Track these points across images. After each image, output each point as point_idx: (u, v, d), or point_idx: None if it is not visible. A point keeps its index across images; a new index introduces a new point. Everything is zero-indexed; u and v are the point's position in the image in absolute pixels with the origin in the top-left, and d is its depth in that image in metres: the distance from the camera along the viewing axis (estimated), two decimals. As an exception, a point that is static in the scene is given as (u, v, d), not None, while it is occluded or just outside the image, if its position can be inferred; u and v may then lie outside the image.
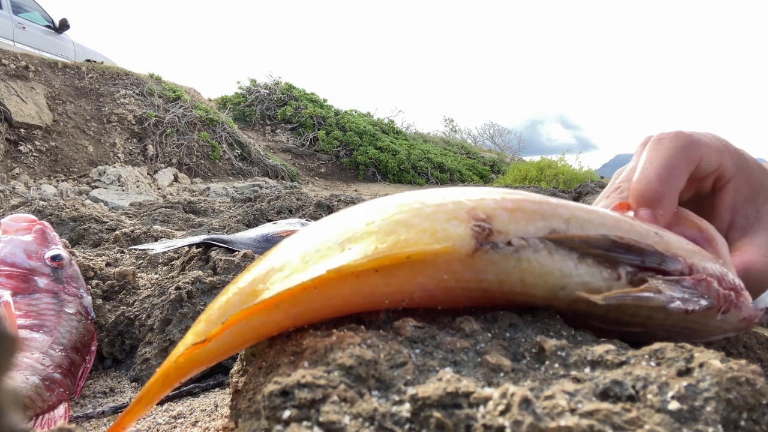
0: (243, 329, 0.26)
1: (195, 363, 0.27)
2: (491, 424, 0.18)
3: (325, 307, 0.26)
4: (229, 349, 0.27)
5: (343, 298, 0.26)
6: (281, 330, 0.27)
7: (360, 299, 0.26)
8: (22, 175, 4.62)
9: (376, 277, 0.25)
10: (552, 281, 0.26)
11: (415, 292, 0.26)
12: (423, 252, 0.24)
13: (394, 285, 0.25)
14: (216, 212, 2.13)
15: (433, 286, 0.25)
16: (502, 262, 0.25)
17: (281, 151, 8.34)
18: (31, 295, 0.58)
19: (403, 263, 0.25)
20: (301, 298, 0.25)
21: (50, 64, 5.93)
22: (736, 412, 0.19)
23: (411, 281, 0.25)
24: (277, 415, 0.19)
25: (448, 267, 0.25)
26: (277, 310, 0.26)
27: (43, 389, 0.48)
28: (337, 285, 0.25)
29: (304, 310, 0.26)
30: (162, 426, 0.48)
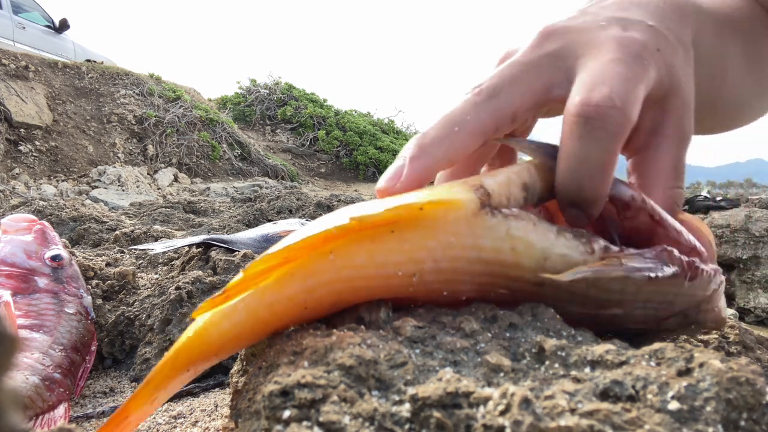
0: (255, 306, 0.26)
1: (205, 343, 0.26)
2: (491, 424, 0.18)
3: (338, 281, 0.26)
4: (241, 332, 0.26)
5: (357, 269, 0.26)
6: (294, 311, 0.26)
7: (373, 270, 0.26)
8: (22, 175, 4.62)
9: (390, 239, 0.25)
10: (537, 249, 0.27)
11: (426, 263, 0.26)
12: (436, 202, 0.26)
13: (407, 251, 0.26)
14: (216, 212, 2.13)
15: (441, 254, 0.26)
16: (496, 228, 0.26)
17: (281, 151, 8.35)
18: (31, 295, 0.58)
19: (416, 219, 0.25)
20: (315, 265, 0.25)
21: (50, 64, 5.93)
22: (736, 412, 0.19)
23: (423, 246, 0.26)
24: (277, 415, 0.19)
25: (456, 228, 0.26)
26: (292, 279, 0.25)
27: (43, 389, 0.48)
28: (352, 250, 0.25)
29: (317, 282, 0.26)
30: (162, 426, 0.48)
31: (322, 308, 0.27)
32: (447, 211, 0.26)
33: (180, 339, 0.27)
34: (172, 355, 0.27)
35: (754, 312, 1.35)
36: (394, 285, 0.26)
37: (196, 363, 0.27)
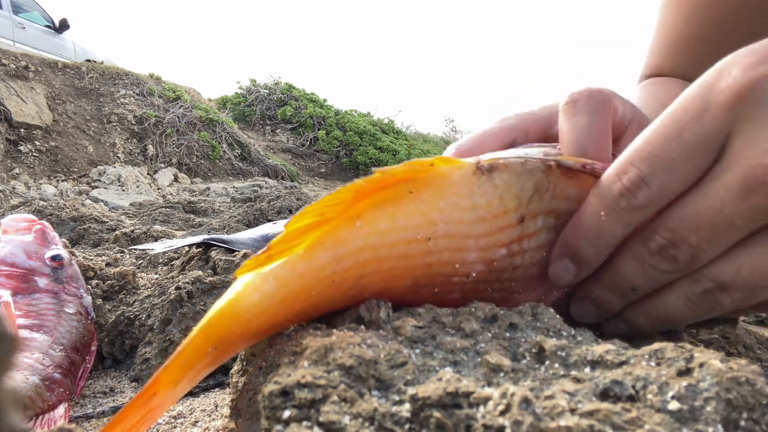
0: (286, 277, 0.26)
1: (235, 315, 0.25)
2: (491, 424, 0.18)
3: (365, 249, 0.27)
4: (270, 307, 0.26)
5: (381, 235, 0.27)
6: (323, 285, 0.26)
7: (396, 235, 0.27)
8: (22, 175, 4.62)
9: (409, 201, 0.28)
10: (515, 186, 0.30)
11: (438, 225, 0.28)
12: (443, 159, 0.29)
13: (423, 212, 0.28)
14: (216, 212, 2.13)
15: (449, 216, 0.28)
16: (486, 184, 0.30)
17: (281, 151, 8.35)
18: (31, 295, 0.58)
19: (429, 176, 0.28)
20: (344, 232, 0.26)
21: (50, 64, 5.93)
22: (736, 412, 0.19)
23: (435, 207, 0.28)
24: (277, 415, 0.19)
25: (459, 188, 0.29)
26: (322, 248, 0.26)
27: (43, 389, 0.48)
28: (376, 215, 0.27)
29: (346, 251, 0.26)
30: (162, 426, 0.48)
31: (348, 284, 0.27)
32: (452, 169, 0.29)
33: (211, 309, 0.26)
34: (204, 325, 0.26)
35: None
36: (413, 252, 0.28)
37: (226, 338, 0.26)
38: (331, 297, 0.27)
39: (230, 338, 0.26)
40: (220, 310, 0.26)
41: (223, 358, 0.27)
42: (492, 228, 0.30)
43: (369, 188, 0.27)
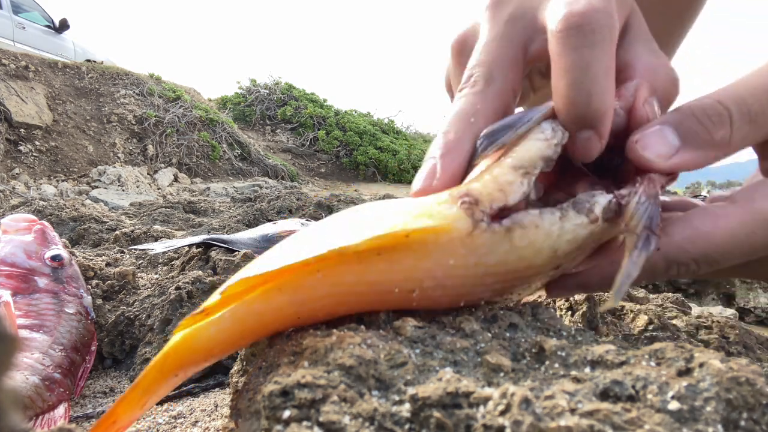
0: (243, 315, 0.25)
1: (192, 348, 0.26)
2: (491, 424, 0.18)
3: (330, 296, 0.25)
4: (228, 339, 0.26)
5: (348, 286, 0.25)
6: (285, 322, 0.26)
7: (366, 287, 0.25)
8: (22, 175, 4.62)
9: (379, 261, 0.24)
10: (546, 249, 0.26)
11: (425, 281, 0.25)
12: (423, 230, 0.24)
13: (401, 272, 0.25)
14: (216, 212, 2.13)
15: (442, 274, 0.25)
16: (498, 244, 0.25)
17: (281, 151, 8.35)
18: (31, 295, 0.58)
19: (404, 245, 0.24)
20: (304, 281, 0.25)
21: (50, 64, 5.93)
22: (736, 412, 0.19)
23: (417, 267, 0.25)
24: (277, 415, 0.19)
25: (452, 250, 0.25)
26: (280, 293, 0.25)
27: (43, 389, 0.48)
28: (340, 270, 0.24)
29: (307, 297, 0.25)
30: (162, 426, 0.48)
31: (318, 318, 0.26)
32: (437, 235, 0.25)
33: (168, 344, 0.27)
34: (161, 358, 0.26)
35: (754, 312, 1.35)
36: (392, 300, 0.26)
37: (185, 367, 0.27)
38: (303, 324, 0.27)
39: (191, 365, 0.27)
40: (175, 345, 0.26)
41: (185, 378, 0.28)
42: (508, 278, 0.27)
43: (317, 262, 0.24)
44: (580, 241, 0.27)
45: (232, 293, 0.26)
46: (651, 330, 0.48)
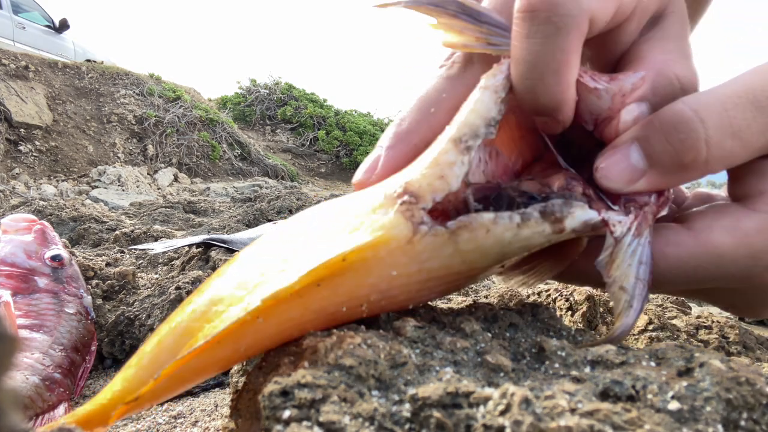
0: (182, 374, 0.24)
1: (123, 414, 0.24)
2: (491, 423, 0.18)
3: (280, 332, 0.24)
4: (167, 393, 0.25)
5: (295, 320, 0.24)
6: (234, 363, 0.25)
7: (313, 315, 0.24)
8: (22, 175, 4.62)
9: (320, 290, 0.23)
10: (494, 253, 0.24)
11: (371, 295, 0.24)
12: (359, 249, 0.23)
13: (345, 293, 0.24)
14: (216, 212, 2.13)
15: (386, 286, 0.24)
16: (441, 249, 0.24)
17: (281, 151, 8.35)
18: (31, 295, 0.58)
19: (342, 269, 0.23)
20: (246, 331, 0.23)
21: (50, 64, 5.93)
22: (736, 412, 0.19)
23: (361, 284, 0.24)
24: (277, 415, 0.19)
25: (393, 261, 0.23)
26: (220, 347, 0.23)
27: (43, 389, 0.48)
28: (281, 310, 0.23)
29: (253, 341, 0.24)
30: (162, 426, 0.48)
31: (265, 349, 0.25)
32: (375, 251, 0.23)
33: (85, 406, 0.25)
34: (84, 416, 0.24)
35: (754, 312, 1.34)
36: (343, 317, 0.25)
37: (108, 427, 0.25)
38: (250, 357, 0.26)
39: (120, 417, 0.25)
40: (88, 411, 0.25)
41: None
42: (449, 280, 0.25)
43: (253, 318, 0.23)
44: (533, 248, 0.25)
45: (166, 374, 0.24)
46: (651, 330, 0.48)
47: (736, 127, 0.24)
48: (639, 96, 0.27)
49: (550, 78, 0.25)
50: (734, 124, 0.24)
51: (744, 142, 0.24)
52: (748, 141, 0.24)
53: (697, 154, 0.24)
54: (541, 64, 0.25)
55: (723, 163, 0.25)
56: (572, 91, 0.26)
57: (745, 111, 0.24)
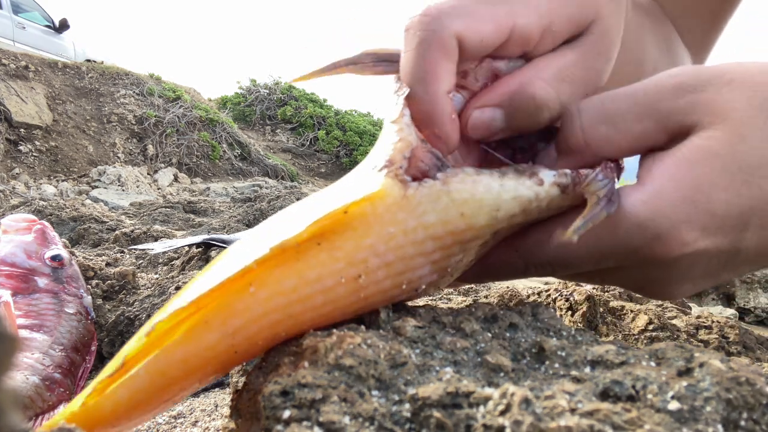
0: (163, 368, 0.22)
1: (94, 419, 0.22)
2: (491, 423, 0.18)
3: (268, 313, 0.23)
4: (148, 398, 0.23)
5: (288, 294, 0.23)
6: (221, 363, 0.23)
7: (308, 288, 0.23)
8: (22, 175, 4.62)
9: (320, 252, 0.23)
10: (487, 205, 0.25)
11: (369, 261, 0.24)
12: (358, 201, 0.23)
13: (343, 257, 0.23)
14: (216, 212, 2.13)
15: (384, 247, 0.24)
16: (437, 200, 0.24)
17: (281, 151, 8.35)
18: (31, 295, 0.58)
19: (344, 224, 0.23)
20: (234, 303, 0.22)
21: (50, 64, 5.93)
22: (736, 412, 0.19)
23: (360, 246, 0.23)
24: (277, 415, 0.19)
25: (391, 217, 0.24)
26: (207, 328, 0.22)
27: (43, 389, 0.48)
28: (276, 276, 0.23)
29: (241, 323, 0.22)
30: (162, 426, 0.48)
31: (258, 347, 0.24)
32: (374, 204, 0.24)
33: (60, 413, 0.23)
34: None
35: (754, 312, 1.35)
36: (340, 295, 0.24)
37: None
38: (241, 360, 0.24)
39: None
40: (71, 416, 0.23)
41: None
42: (446, 243, 0.25)
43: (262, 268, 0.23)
44: (524, 203, 0.26)
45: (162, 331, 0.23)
46: (651, 330, 0.48)
47: (609, 115, 0.28)
48: (495, 104, 0.30)
49: (418, 87, 0.28)
50: (608, 113, 0.28)
51: (618, 127, 0.28)
52: (623, 126, 0.28)
53: (576, 138, 0.29)
54: (411, 74, 0.28)
55: (606, 146, 0.29)
56: (443, 105, 0.28)
57: (619, 102, 0.28)
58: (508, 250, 0.30)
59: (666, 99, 0.28)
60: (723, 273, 0.29)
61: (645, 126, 0.28)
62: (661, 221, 0.26)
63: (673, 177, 0.27)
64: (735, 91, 0.27)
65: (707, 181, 0.26)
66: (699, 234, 0.27)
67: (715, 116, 0.27)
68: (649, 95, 0.28)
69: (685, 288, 0.30)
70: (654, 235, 0.27)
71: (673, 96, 0.28)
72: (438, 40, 0.28)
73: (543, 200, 0.27)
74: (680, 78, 0.28)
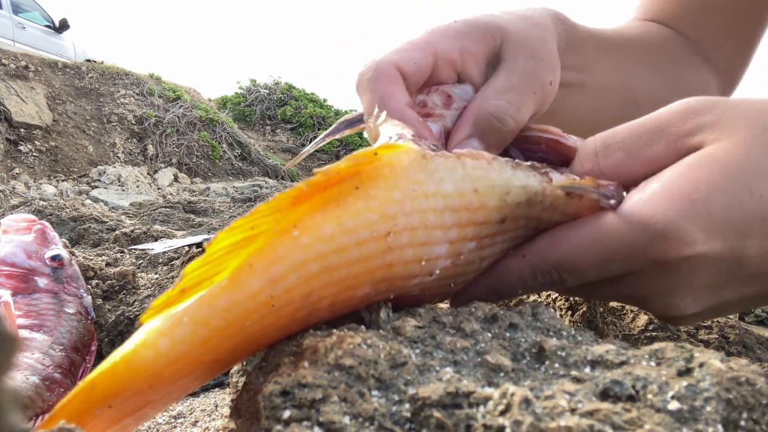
0: (206, 316, 0.21)
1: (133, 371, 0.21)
2: (491, 423, 0.18)
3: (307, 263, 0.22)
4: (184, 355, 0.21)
5: (326, 241, 0.23)
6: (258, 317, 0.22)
7: (345, 239, 0.23)
8: (22, 175, 4.62)
9: (357, 198, 0.24)
10: (499, 187, 0.27)
11: (397, 218, 0.24)
12: (387, 146, 0.25)
13: (377, 208, 0.24)
14: (216, 212, 2.13)
15: (409, 206, 0.25)
16: (453, 170, 0.26)
17: (281, 151, 8.35)
18: (31, 295, 0.58)
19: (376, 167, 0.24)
20: (278, 246, 0.22)
21: (50, 64, 5.93)
22: (736, 412, 0.19)
23: (390, 199, 0.24)
24: (277, 415, 0.19)
25: (414, 174, 0.25)
26: (252, 272, 0.22)
27: (43, 389, 0.48)
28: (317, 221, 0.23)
29: (283, 269, 0.22)
30: (162, 426, 0.48)
31: (293, 305, 0.23)
32: (400, 155, 0.25)
33: (103, 364, 0.22)
34: (87, 385, 0.21)
35: (754, 312, 1.35)
36: (371, 252, 0.24)
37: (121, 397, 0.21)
38: (275, 323, 0.23)
39: (132, 394, 0.22)
40: (109, 367, 0.22)
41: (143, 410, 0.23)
42: (461, 219, 0.26)
43: (310, 192, 0.23)
44: (530, 194, 0.28)
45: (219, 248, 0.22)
46: (651, 330, 0.48)
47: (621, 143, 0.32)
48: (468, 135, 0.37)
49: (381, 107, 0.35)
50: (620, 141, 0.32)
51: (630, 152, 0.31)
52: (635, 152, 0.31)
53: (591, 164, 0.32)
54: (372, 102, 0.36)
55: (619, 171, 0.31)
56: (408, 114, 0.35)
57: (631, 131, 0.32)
58: (515, 259, 0.31)
59: (675, 124, 0.30)
60: (726, 289, 0.30)
61: (655, 150, 0.30)
62: (662, 218, 0.27)
63: (672, 178, 0.28)
64: (740, 114, 0.29)
65: (705, 182, 0.27)
66: (699, 235, 0.27)
67: (720, 133, 0.29)
68: (658, 122, 0.31)
69: (687, 302, 0.30)
70: (655, 232, 0.27)
71: (682, 120, 0.30)
72: (383, 73, 0.36)
73: (548, 197, 0.28)
74: (689, 104, 0.30)
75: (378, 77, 0.36)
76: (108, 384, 0.21)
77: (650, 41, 0.56)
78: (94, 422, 0.22)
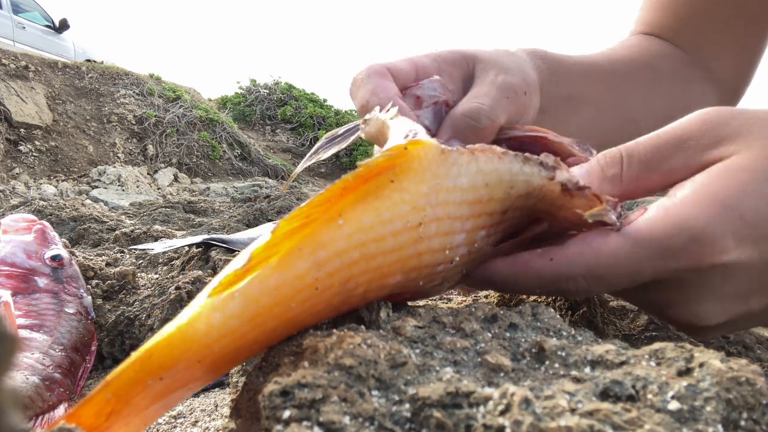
0: (257, 294, 0.22)
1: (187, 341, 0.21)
2: (491, 423, 0.18)
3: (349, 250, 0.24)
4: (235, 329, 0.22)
5: (366, 231, 0.25)
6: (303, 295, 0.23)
7: (381, 229, 0.25)
8: (22, 175, 4.62)
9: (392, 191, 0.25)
10: (505, 180, 0.29)
11: (426, 209, 0.26)
12: (413, 142, 0.27)
13: (410, 201, 0.26)
14: (216, 212, 2.13)
15: (435, 199, 0.27)
16: (468, 166, 0.27)
17: (281, 151, 8.35)
18: (31, 295, 0.58)
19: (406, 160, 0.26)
20: (325, 233, 0.24)
21: (50, 64, 5.93)
22: (736, 412, 0.19)
23: (419, 192, 0.26)
24: (277, 415, 0.19)
25: (436, 169, 0.27)
26: (300, 255, 0.23)
27: (43, 389, 0.48)
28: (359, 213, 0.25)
29: (328, 254, 0.24)
30: (162, 426, 0.48)
31: (333, 290, 0.25)
32: (424, 149, 0.26)
33: (157, 334, 0.22)
34: (144, 354, 0.21)
35: (754, 312, 1.34)
36: (404, 242, 0.26)
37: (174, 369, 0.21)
38: (314, 307, 0.24)
39: (184, 367, 0.22)
40: (165, 337, 0.22)
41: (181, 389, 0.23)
42: (476, 211, 0.28)
43: (355, 184, 0.25)
44: (531, 189, 0.30)
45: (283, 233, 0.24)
46: (651, 330, 0.48)
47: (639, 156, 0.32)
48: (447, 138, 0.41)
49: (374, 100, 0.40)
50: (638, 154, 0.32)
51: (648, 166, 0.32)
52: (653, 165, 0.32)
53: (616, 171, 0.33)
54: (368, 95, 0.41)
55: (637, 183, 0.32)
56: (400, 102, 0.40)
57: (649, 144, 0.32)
58: (541, 260, 0.31)
59: (693, 137, 0.30)
60: (753, 297, 0.29)
61: (673, 164, 0.31)
62: (696, 222, 0.27)
63: (703, 185, 0.28)
64: (757, 124, 0.29)
65: (735, 188, 0.27)
66: (732, 242, 0.27)
67: (740, 145, 0.29)
68: (676, 135, 0.31)
69: (714, 310, 0.30)
70: (691, 236, 0.27)
71: (700, 133, 0.30)
72: (375, 71, 0.42)
73: (544, 191, 0.30)
74: (708, 115, 0.31)
75: (371, 74, 0.42)
76: (164, 354, 0.21)
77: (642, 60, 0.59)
78: (143, 394, 0.22)
